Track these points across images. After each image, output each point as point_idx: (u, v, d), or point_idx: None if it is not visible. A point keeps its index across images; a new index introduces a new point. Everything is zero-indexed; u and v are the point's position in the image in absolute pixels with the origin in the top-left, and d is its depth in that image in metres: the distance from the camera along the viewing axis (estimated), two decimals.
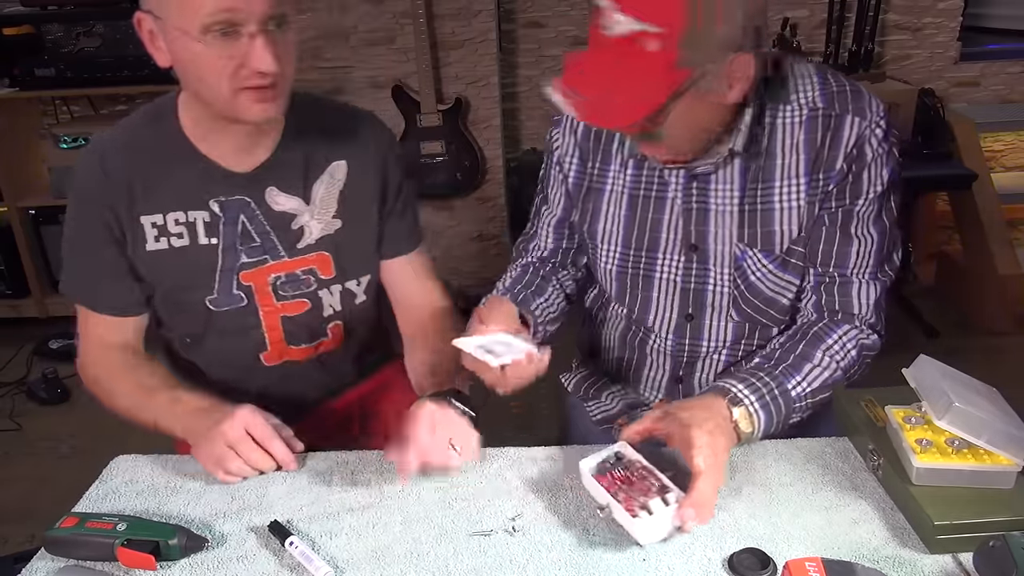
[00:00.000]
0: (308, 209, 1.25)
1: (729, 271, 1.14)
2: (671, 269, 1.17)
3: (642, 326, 1.23)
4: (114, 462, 1.18)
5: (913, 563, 0.94)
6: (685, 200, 1.13)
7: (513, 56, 3.23)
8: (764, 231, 1.11)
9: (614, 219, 1.18)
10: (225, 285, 1.24)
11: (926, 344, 2.89)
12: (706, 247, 1.14)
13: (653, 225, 1.16)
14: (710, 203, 1.12)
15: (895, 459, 1.04)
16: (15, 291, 3.20)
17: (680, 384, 1.26)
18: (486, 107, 3.06)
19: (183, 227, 1.20)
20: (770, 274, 1.13)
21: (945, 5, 3.15)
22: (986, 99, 3.31)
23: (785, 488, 1.08)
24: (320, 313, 1.31)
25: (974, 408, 1.00)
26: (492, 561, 0.97)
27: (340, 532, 1.03)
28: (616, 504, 0.98)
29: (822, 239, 1.11)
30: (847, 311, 1.13)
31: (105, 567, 0.97)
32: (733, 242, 1.12)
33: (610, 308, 1.29)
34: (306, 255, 1.27)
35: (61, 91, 3.05)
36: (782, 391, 1.06)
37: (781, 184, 1.08)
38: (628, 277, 1.20)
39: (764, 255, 1.11)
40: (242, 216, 1.22)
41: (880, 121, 1.07)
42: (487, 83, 3.04)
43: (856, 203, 1.09)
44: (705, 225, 1.13)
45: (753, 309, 1.16)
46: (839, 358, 1.09)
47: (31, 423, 2.63)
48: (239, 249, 1.23)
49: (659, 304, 1.20)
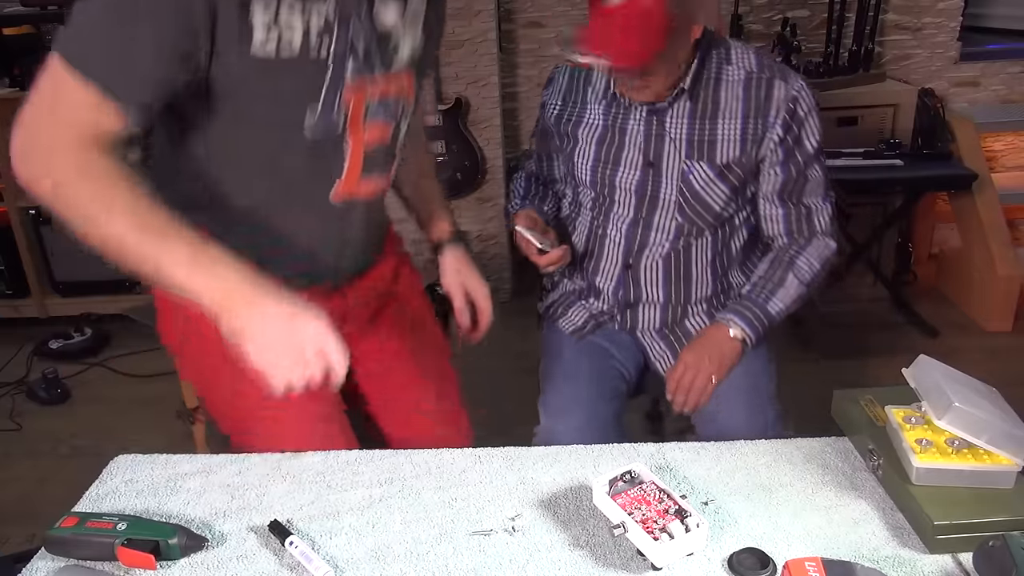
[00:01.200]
0: (403, 19, 1.13)
1: (677, 182, 1.45)
2: (631, 179, 1.47)
3: (603, 225, 1.54)
4: (114, 462, 1.18)
5: (913, 563, 0.94)
6: (646, 129, 1.45)
7: (513, 56, 3.23)
8: (708, 150, 1.43)
9: (589, 141, 1.49)
10: (328, 105, 1.08)
11: (926, 344, 2.89)
12: (660, 163, 1.45)
13: (619, 146, 1.47)
14: (665, 131, 1.44)
15: (895, 459, 1.04)
16: (15, 291, 3.20)
17: (629, 269, 1.54)
18: (486, 107, 3.06)
19: (296, 29, 1.01)
20: (710, 182, 1.44)
21: (945, 5, 3.15)
22: (986, 99, 3.31)
23: (785, 488, 1.08)
24: (395, 144, 1.23)
25: (974, 408, 1.00)
26: (492, 561, 0.97)
27: (340, 532, 1.03)
28: (633, 524, 0.96)
29: (785, 181, 1.45)
30: (812, 230, 1.49)
31: (105, 567, 0.97)
32: (682, 159, 1.44)
33: (579, 217, 1.59)
34: (398, 73, 1.16)
35: None
36: (764, 313, 1.44)
37: (722, 121, 1.42)
38: (597, 185, 1.51)
39: (708, 166, 1.43)
40: (353, 21, 1.06)
41: (803, 88, 1.41)
42: (487, 83, 3.04)
43: (803, 149, 1.43)
44: (660, 147, 1.44)
45: (692, 212, 1.47)
46: (807, 279, 1.46)
47: (31, 423, 2.62)
48: (346, 63, 1.07)
49: (620, 205, 1.50)
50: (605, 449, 1.19)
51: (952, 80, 3.27)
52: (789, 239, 1.50)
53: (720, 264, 1.53)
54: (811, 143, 1.43)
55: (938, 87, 3.20)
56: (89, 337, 3.05)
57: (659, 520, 0.97)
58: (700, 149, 1.42)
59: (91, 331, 3.06)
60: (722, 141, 1.42)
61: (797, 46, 3.03)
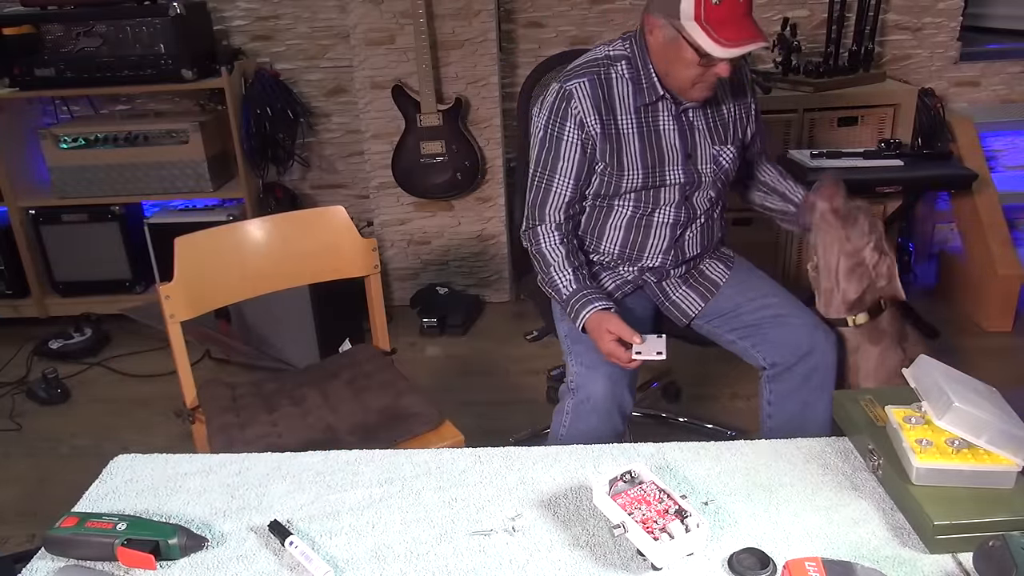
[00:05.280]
0: None
1: (710, 165, 1.70)
2: (675, 173, 1.67)
3: (649, 214, 1.72)
4: (114, 462, 1.18)
5: (913, 563, 0.94)
6: (678, 126, 1.66)
7: (513, 56, 3.23)
8: (725, 132, 1.71)
9: (632, 150, 1.65)
10: None
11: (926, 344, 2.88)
12: (695, 153, 1.68)
13: (659, 147, 1.66)
14: (694, 125, 1.68)
15: (895, 459, 1.04)
16: (15, 291, 3.19)
17: (677, 243, 1.75)
18: (486, 107, 3.06)
19: None
20: (733, 159, 1.73)
21: (945, 5, 3.15)
22: (986, 99, 3.31)
23: (785, 488, 1.08)
24: None
25: (974, 408, 1.00)
26: (492, 561, 0.97)
27: (340, 532, 1.03)
28: (633, 524, 0.96)
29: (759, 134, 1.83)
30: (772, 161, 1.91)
31: (105, 567, 0.97)
32: (711, 145, 1.69)
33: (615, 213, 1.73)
34: None
35: (61, 91, 3.05)
36: None
37: (724, 106, 1.71)
38: (648, 181, 1.68)
39: (731, 147, 1.72)
40: None
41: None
42: (487, 83, 3.04)
43: (758, 102, 1.81)
44: (693, 139, 1.68)
45: (721, 183, 1.75)
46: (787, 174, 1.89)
47: (31, 423, 2.62)
48: None
49: (667, 193, 1.69)
50: (605, 449, 1.19)
51: (952, 80, 3.27)
52: (771, 165, 1.89)
53: (723, 222, 1.84)
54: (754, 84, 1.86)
55: (938, 87, 3.20)
56: (89, 337, 3.05)
57: (659, 520, 0.97)
58: (722, 134, 1.70)
59: (91, 331, 3.06)
60: (731, 122, 1.71)
61: (797, 46, 3.03)
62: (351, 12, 2.96)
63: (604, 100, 1.62)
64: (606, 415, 1.61)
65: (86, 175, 3.03)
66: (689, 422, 2.38)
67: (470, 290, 3.31)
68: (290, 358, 2.79)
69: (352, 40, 3.00)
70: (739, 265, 1.84)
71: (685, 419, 2.39)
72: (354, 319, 2.77)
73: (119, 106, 3.35)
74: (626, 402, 1.65)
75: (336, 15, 3.18)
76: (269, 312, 2.77)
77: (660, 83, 1.60)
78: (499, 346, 2.97)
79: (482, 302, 3.30)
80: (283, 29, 3.21)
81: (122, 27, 2.86)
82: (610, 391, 1.59)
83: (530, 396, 2.61)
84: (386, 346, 1.88)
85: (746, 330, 1.72)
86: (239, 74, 3.05)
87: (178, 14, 2.85)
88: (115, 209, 3.08)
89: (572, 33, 3.20)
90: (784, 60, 3.03)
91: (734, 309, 1.75)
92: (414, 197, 3.15)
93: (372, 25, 2.97)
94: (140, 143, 3.01)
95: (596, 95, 1.61)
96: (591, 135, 1.62)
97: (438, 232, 3.25)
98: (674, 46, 1.51)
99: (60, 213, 3.10)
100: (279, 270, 1.76)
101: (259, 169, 3.18)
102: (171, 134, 3.01)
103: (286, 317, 2.74)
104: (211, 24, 3.16)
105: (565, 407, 1.65)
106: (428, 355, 2.97)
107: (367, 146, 3.14)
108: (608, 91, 1.62)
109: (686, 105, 1.64)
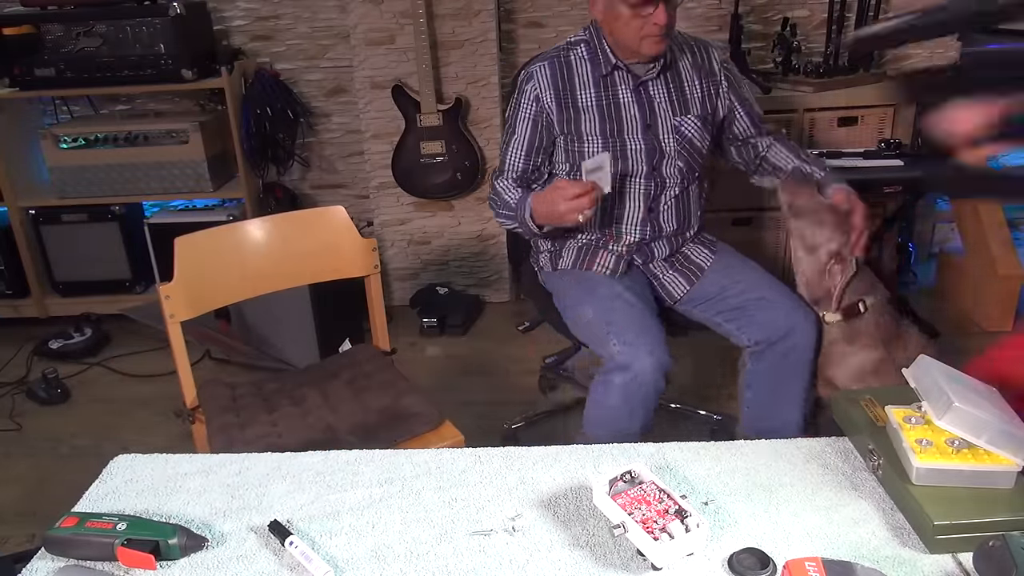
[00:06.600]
0: None
1: (673, 135, 1.83)
2: (635, 142, 1.82)
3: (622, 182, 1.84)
4: (114, 462, 1.18)
5: (913, 563, 0.94)
6: (637, 99, 1.82)
7: (513, 56, 3.23)
8: (689, 105, 1.85)
9: (591, 120, 1.82)
10: None
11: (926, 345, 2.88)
12: (655, 123, 1.83)
13: (618, 116, 1.82)
14: (653, 97, 1.82)
15: (895, 459, 1.04)
16: (15, 291, 3.19)
17: (651, 214, 1.88)
18: (486, 107, 3.06)
19: None
20: (697, 130, 1.85)
21: None
22: None
23: (785, 488, 1.08)
24: None
25: (974, 408, 1.00)
26: (492, 561, 0.97)
27: (340, 532, 1.03)
28: (633, 524, 0.96)
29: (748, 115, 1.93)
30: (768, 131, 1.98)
31: (105, 567, 0.97)
32: (671, 117, 1.83)
33: None
34: None
35: (61, 91, 3.05)
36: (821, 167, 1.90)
37: (687, 83, 1.85)
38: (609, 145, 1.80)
39: (693, 118, 1.84)
40: None
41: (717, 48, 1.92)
42: (487, 83, 3.04)
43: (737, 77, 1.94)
44: (652, 110, 1.82)
45: (688, 155, 1.86)
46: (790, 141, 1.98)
47: (31, 423, 2.62)
48: None
49: (634, 164, 1.83)
50: (605, 449, 1.19)
51: None
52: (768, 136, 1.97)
53: (701, 203, 1.96)
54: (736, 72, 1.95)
55: None
56: (89, 337, 3.05)
57: (659, 520, 0.97)
58: (684, 106, 1.84)
59: (91, 331, 3.06)
60: (692, 95, 1.85)
61: (797, 46, 3.03)
62: (351, 12, 2.96)
63: (562, 79, 1.82)
64: (653, 386, 1.63)
65: (86, 175, 3.03)
66: (682, 408, 2.40)
67: (470, 290, 3.31)
68: (290, 358, 2.79)
69: (352, 40, 3.00)
70: (723, 250, 1.96)
71: (676, 405, 2.41)
72: (354, 319, 2.77)
73: (119, 106, 3.35)
74: (667, 362, 1.65)
75: (336, 15, 3.18)
76: (269, 312, 2.77)
77: (613, 54, 1.78)
78: (499, 346, 2.97)
79: (482, 302, 3.30)
80: (283, 29, 3.22)
81: (122, 27, 2.86)
82: (657, 360, 1.62)
83: (530, 396, 2.61)
84: (386, 346, 1.89)
85: (732, 312, 1.82)
86: (239, 74, 3.05)
87: (178, 14, 2.85)
88: (115, 209, 3.08)
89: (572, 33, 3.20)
90: (784, 60, 3.03)
91: (720, 292, 1.85)
92: (414, 197, 3.15)
93: (372, 25, 2.97)
94: (140, 143, 3.01)
95: (555, 74, 1.82)
96: (545, 109, 1.82)
97: (438, 232, 3.25)
98: (611, 10, 1.71)
99: (60, 213, 3.10)
100: (279, 270, 1.76)
101: (259, 169, 3.18)
102: (171, 134, 3.01)
103: (286, 317, 2.74)
104: (211, 24, 3.16)
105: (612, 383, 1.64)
106: (428, 355, 2.97)
107: (367, 146, 3.14)
108: (568, 71, 1.83)
109: (644, 78, 1.80)
